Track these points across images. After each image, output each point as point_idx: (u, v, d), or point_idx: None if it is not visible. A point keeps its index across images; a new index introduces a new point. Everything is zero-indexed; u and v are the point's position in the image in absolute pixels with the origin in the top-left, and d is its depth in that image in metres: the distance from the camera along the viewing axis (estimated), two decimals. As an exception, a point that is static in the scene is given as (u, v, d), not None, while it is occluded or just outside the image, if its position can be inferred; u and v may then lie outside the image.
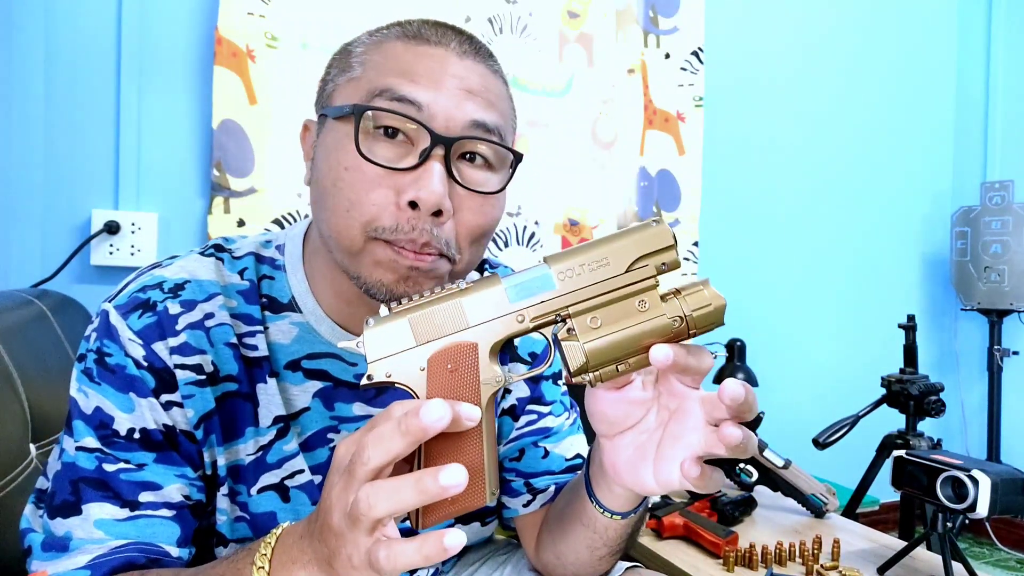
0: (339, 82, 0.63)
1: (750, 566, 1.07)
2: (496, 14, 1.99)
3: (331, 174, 0.59)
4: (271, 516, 0.67)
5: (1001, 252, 2.51)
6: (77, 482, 0.59)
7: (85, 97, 1.61)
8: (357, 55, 0.63)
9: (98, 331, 0.62)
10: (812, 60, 2.55)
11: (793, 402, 2.40)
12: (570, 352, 0.49)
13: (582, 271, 0.50)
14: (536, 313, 0.49)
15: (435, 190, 0.56)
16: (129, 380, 0.60)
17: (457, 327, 0.49)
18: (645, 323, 0.49)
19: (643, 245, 0.50)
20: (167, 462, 0.62)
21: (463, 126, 0.59)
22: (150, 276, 0.65)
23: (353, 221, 0.58)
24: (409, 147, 0.59)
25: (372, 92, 0.59)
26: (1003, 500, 0.94)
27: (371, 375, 0.48)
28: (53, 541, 0.59)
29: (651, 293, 0.50)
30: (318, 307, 0.68)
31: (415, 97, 0.58)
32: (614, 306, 0.49)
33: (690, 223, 2.27)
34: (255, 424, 0.66)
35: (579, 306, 0.49)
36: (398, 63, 0.60)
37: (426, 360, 0.48)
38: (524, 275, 0.50)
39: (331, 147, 0.60)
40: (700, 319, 0.50)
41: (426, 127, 0.57)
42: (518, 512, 0.82)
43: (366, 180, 0.58)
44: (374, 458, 0.43)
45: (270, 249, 0.70)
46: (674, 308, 0.50)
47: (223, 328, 0.64)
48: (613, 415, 0.55)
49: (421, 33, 0.62)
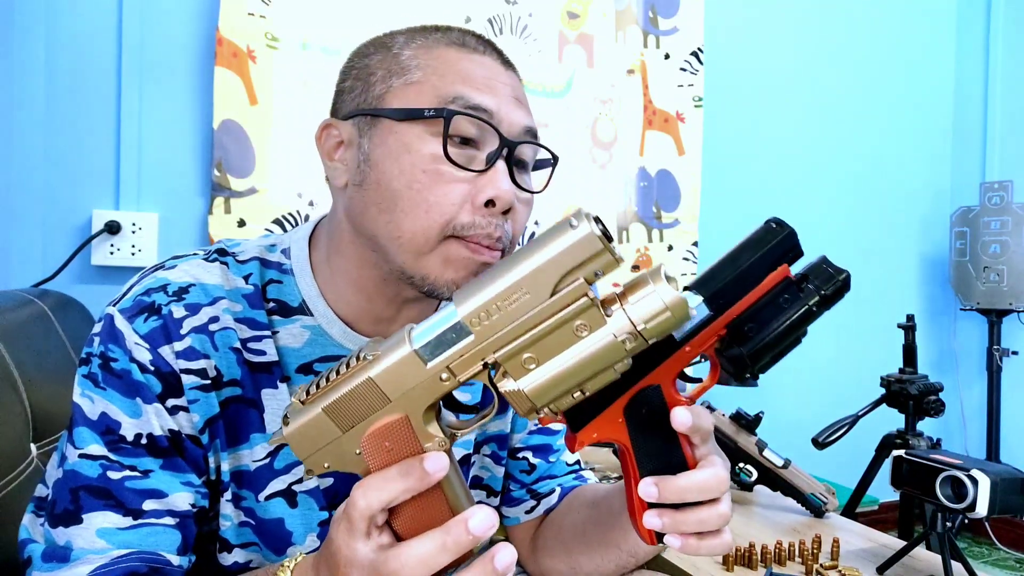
0: (394, 84, 0.63)
1: (750, 566, 1.08)
2: (496, 14, 2.00)
3: (404, 176, 0.60)
4: (279, 522, 0.66)
5: (1000, 252, 2.51)
6: (78, 490, 0.59)
7: (86, 97, 1.61)
8: (408, 58, 0.63)
9: (102, 335, 0.61)
10: (811, 60, 2.55)
11: (793, 402, 2.40)
12: (512, 398, 0.44)
13: (498, 309, 0.42)
14: (460, 368, 0.43)
15: (509, 189, 0.60)
16: (135, 385, 0.60)
17: (377, 406, 0.44)
18: (589, 349, 0.43)
19: (565, 260, 0.41)
20: (173, 469, 0.61)
21: (519, 131, 0.63)
22: (154, 278, 0.64)
23: (433, 222, 0.59)
24: (475, 150, 0.61)
25: (444, 99, 0.60)
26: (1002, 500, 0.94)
27: (311, 469, 0.47)
28: (54, 551, 0.58)
29: (589, 313, 0.42)
30: (329, 309, 0.67)
31: (487, 105, 0.61)
32: (548, 339, 0.43)
33: (690, 223, 2.27)
34: (262, 430, 0.65)
35: (505, 350, 0.43)
36: (459, 70, 0.62)
37: (359, 444, 0.45)
38: (434, 329, 0.43)
39: (400, 149, 0.60)
40: (657, 329, 0.43)
41: (497, 130, 0.61)
42: (519, 520, 0.82)
43: (445, 181, 0.59)
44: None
45: (275, 253, 0.69)
46: (621, 322, 0.43)
47: (227, 332, 0.64)
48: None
49: (467, 42, 0.65)
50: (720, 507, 0.51)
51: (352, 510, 0.45)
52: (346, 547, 0.46)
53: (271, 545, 0.67)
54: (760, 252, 0.51)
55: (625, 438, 0.51)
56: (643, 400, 0.50)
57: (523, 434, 0.82)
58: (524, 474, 0.82)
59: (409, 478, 0.44)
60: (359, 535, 0.45)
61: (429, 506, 0.45)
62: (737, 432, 1.34)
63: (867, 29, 2.65)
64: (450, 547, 0.44)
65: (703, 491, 0.50)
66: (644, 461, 0.51)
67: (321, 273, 0.68)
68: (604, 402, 0.50)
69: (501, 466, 0.81)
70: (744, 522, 1.27)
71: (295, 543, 0.67)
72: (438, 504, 0.46)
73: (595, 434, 0.51)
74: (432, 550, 0.44)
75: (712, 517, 0.51)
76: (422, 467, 0.44)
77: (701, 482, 0.50)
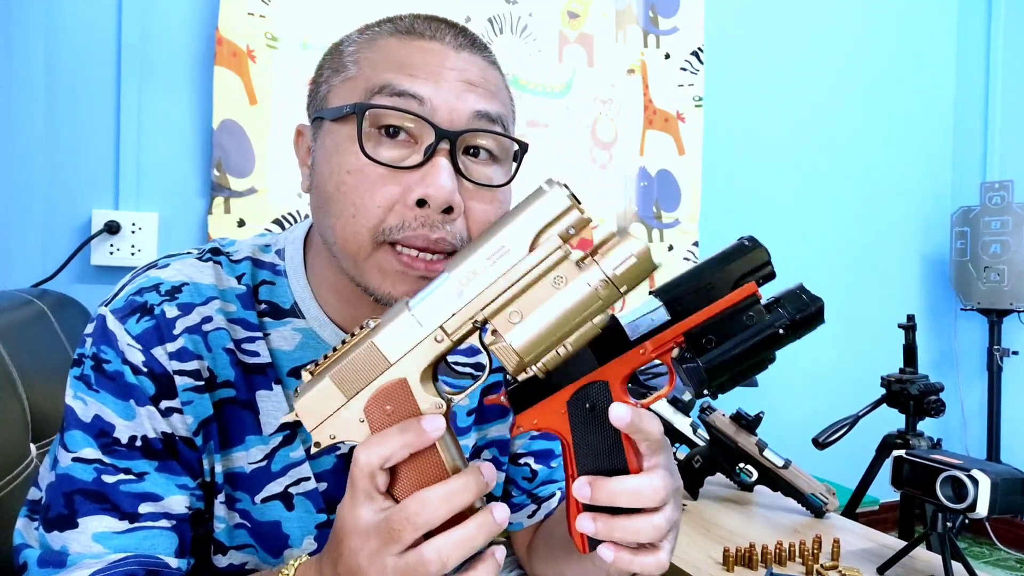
0: (333, 83, 0.61)
1: (750, 566, 1.07)
2: (496, 14, 2.00)
3: (333, 178, 0.57)
4: (275, 525, 0.66)
5: (1001, 252, 2.51)
6: (73, 494, 0.58)
7: (85, 97, 1.61)
8: (350, 54, 0.61)
9: (94, 336, 0.60)
10: (812, 60, 2.55)
11: (793, 402, 2.40)
12: (501, 355, 0.47)
13: (483, 268, 0.46)
14: (452, 327, 0.47)
15: (444, 185, 0.54)
16: (128, 387, 0.59)
17: (379, 369, 0.47)
18: (568, 299, 0.46)
19: (539, 217, 0.46)
20: (167, 471, 0.60)
21: (467, 119, 0.57)
22: (146, 278, 0.63)
23: (359, 227, 0.56)
24: (412, 145, 0.57)
25: (370, 90, 0.57)
26: (1003, 500, 0.94)
27: (318, 442, 0.48)
28: (50, 556, 0.57)
29: (564, 265, 0.46)
30: (321, 312, 0.66)
31: (416, 91, 0.56)
32: (528, 293, 0.46)
33: (690, 223, 2.27)
34: (258, 432, 0.64)
35: (492, 306, 0.46)
36: (394, 58, 0.58)
37: (362, 411, 0.48)
38: (428, 292, 0.47)
39: (331, 150, 0.58)
40: (626, 276, 0.46)
41: (429, 122, 0.55)
42: (522, 525, 0.82)
43: (370, 182, 0.56)
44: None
45: (269, 254, 0.68)
46: (594, 273, 0.46)
47: (220, 333, 0.62)
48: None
49: (414, 28, 0.60)
50: (655, 518, 0.48)
51: (354, 469, 0.46)
52: (349, 516, 0.46)
53: (268, 547, 0.66)
54: (727, 265, 0.50)
55: (566, 430, 0.50)
56: (588, 394, 0.50)
57: (525, 440, 0.82)
58: (526, 481, 0.82)
59: (407, 434, 0.46)
60: (361, 498, 0.45)
61: (429, 471, 0.47)
62: (737, 432, 1.34)
63: (868, 29, 2.65)
64: (471, 487, 0.46)
65: (635, 497, 0.48)
66: (583, 460, 0.50)
67: (313, 275, 0.67)
68: (549, 388, 0.50)
69: (502, 471, 0.80)
70: (744, 522, 1.27)
71: (292, 546, 0.67)
72: (438, 468, 0.47)
73: (535, 419, 0.50)
74: (453, 489, 0.45)
75: (645, 527, 0.48)
76: (420, 425, 0.46)
77: (634, 488, 0.48)
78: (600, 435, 0.50)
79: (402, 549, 0.45)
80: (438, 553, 0.44)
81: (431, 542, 0.45)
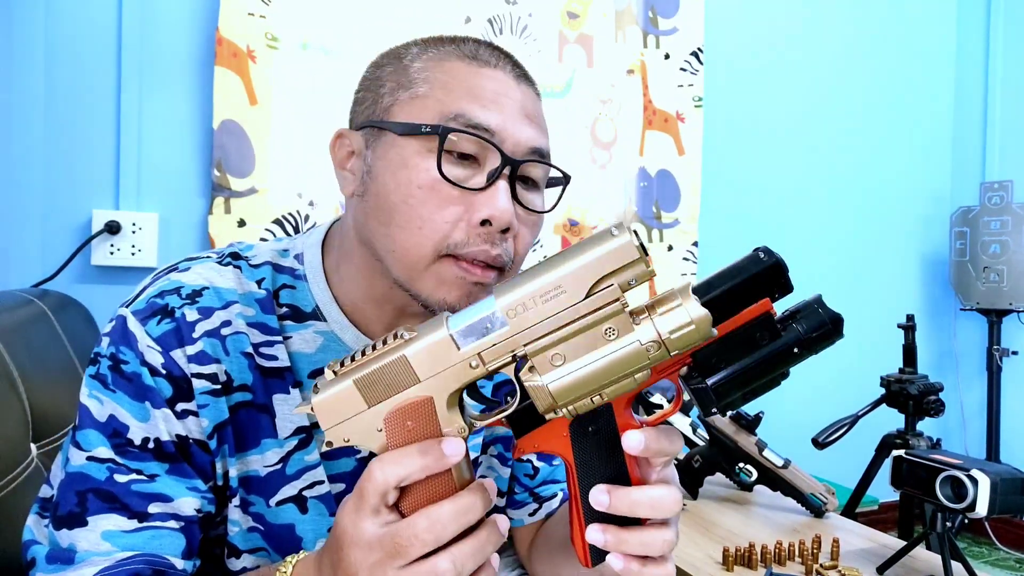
0: (400, 97, 0.62)
1: (750, 565, 1.08)
2: (496, 15, 2.00)
3: (400, 191, 0.60)
4: (289, 528, 0.66)
5: (1000, 252, 2.52)
6: (85, 493, 0.58)
7: (85, 97, 1.61)
8: (417, 70, 0.63)
9: (113, 336, 0.61)
10: (811, 60, 2.55)
11: (793, 402, 2.40)
12: (535, 393, 0.46)
13: (534, 304, 0.44)
14: (490, 356, 0.45)
15: (507, 208, 0.59)
16: (145, 389, 0.60)
17: (406, 383, 0.46)
18: (615, 353, 0.44)
19: (603, 264, 0.44)
20: (179, 474, 0.61)
21: (526, 150, 0.62)
22: (167, 280, 0.64)
23: (425, 239, 0.59)
24: (476, 168, 0.60)
25: (446, 115, 0.60)
26: (1002, 500, 0.95)
27: (330, 441, 0.48)
28: (58, 553, 0.58)
29: (619, 318, 0.44)
30: (342, 315, 0.67)
31: (488, 123, 0.60)
32: (576, 339, 0.45)
33: (690, 223, 2.27)
34: (273, 435, 0.65)
35: (536, 344, 0.45)
36: (465, 85, 0.61)
37: (382, 421, 0.46)
38: (471, 315, 0.46)
39: (397, 163, 0.60)
40: (679, 341, 0.44)
41: (499, 149, 0.60)
42: (524, 522, 0.82)
43: (440, 198, 0.59)
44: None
45: (288, 258, 0.69)
46: (648, 331, 0.44)
47: (239, 337, 0.63)
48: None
49: (479, 55, 0.63)
50: (667, 532, 0.48)
51: (366, 482, 0.45)
52: (352, 526, 0.46)
53: (280, 551, 0.67)
54: (738, 281, 0.47)
55: (569, 454, 0.49)
56: (592, 418, 0.48)
57: None
58: (528, 478, 0.82)
59: (427, 457, 0.45)
60: (368, 511, 0.45)
61: (439, 488, 0.46)
62: (737, 432, 1.34)
63: (867, 28, 2.65)
64: (478, 507, 0.46)
65: (655, 507, 0.48)
66: (587, 482, 0.49)
67: (334, 279, 0.68)
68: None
69: (507, 467, 0.81)
70: (744, 522, 1.27)
71: (305, 548, 0.67)
72: (447, 487, 0.46)
73: (537, 443, 0.49)
74: (448, 513, 0.45)
75: (657, 540, 0.48)
76: (440, 448, 0.45)
77: (656, 498, 0.48)
78: (604, 457, 0.49)
79: (405, 563, 0.44)
80: (453, 563, 0.44)
81: (446, 552, 0.45)
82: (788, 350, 0.47)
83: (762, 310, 0.47)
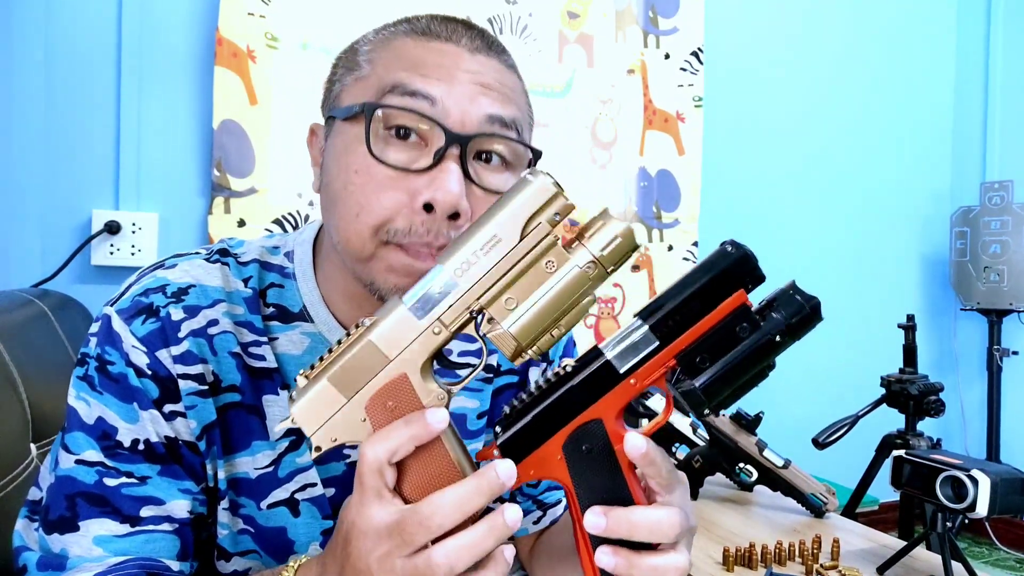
0: (346, 82, 0.60)
1: (750, 566, 1.07)
2: (496, 14, 2.00)
3: (340, 178, 0.57)
4: (281, 531, 0.65)
5: (1000, 252, 2.52)
6: (75, 497, 0.57)
7: (85, 97, 1.61)
8: (364, 53, 0.60)
9: (99, 336, 0.60)
10: (811, 60, 2.55)
11: (793, 402, 2.40)
12: (499, 341, 0.47)
13: (476, 258, 0.47)
14: (450, 318, 0.47)
15: (452, 190, 0.53)
16: (131, 390, 0.58)
17: (378, 367, 0.47)
18: (560, 282, 0.47)
19: (528, 206, 0.47)
20: (170, 475, 0.60)
21: (479, 122, 0.56)
22: (153, 278, 0.62)
23: (363, 226, 0.55)
24: (422, 148, 0.56)
25: (382, 89, 0.56)
26: (1003, 500, 0.94)
27: (319, 446, 0.48)
28: (50, 559, 0.56)
29: (554, 250, 0.47)
30: (331, 316, 0.65)
31: (428, 91, 0.55)
32: (522, 279, 0.47)
33: (690, 223, 2.27)
34: (265, 437, 0.63)
35: (488, 294, 0.47)
36: (408, 58, 0.57)
37: (363, 410, 0.47)
38: (422, 287, 0.48)
39: (340, 150, 0.58)
40: (612, 256, 0.47)
41: (440, 124, 0.54)
42: (528, 531, 0.81)
43: (377, 183, 0.55)
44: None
45: (278, 256, 0.67)
46: (582, 255, 0.47)
47: (226, 336, 0.62)
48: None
49: (431, 28, 0.59)
50: (678, 559, 0.46)
51: (361, 466, 0.45)
52: (358, 516, 0.45)
53: (272, 553, 0.66)
54: (710, 276, 0.46)
55: (566, 478, 0.48)
56: (584, 436, 0.47)
57: None
58: (530, 487, 0.81)
59: (413, 426, 0.45)
60: (371, 496, 0.45)
61: (435, 466, 0.47)
62: (737, 432, 1.34)
63: (867, 28, 2.65)
64: (484, 490, 0.45)
65: (654, 530, 0.46)
66: (588, 505, 0.47)
67: (320, 277, 0.66)
68: (542, 436, 0.48)
69: None
70: (744, 522, 1.27)
71: (297, 552, 0.66)
72: (444, 462, 0.47)
73: (532, 471, 0.48)
74: (466, 493, 0.44)
75: (668, 567, 0.46)
76: (424, 417, 0.46)
77: (654, 520, 0.46)
78: (603, 477, 0.48)
79: (412, 551, 0.44)
80: (447, 557, 0.44)
81: (440, 545, 0.44)
82: (771, 339, 0.47)
83: (738, 302, 0.47)
